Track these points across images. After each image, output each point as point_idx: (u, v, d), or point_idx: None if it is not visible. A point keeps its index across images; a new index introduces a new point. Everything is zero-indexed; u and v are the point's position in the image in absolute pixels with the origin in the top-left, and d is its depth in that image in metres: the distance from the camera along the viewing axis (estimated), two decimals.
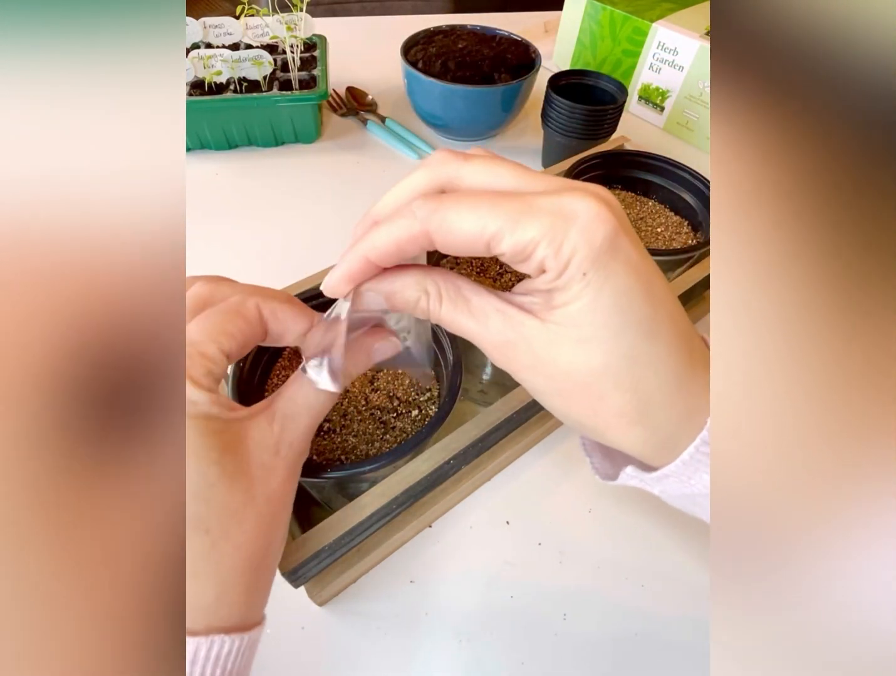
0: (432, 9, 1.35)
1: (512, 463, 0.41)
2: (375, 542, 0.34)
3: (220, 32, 0.67)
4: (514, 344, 0.19)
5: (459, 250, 0.18)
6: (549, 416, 0.41)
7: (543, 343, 0.19)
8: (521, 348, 0.19)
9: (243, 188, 0.63)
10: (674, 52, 0.69)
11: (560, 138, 0.61)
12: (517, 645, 0.33)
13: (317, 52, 0.69)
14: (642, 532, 0.38)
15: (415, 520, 0.35)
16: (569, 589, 0.35)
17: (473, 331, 0.20)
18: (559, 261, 0.17)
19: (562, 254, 0.17)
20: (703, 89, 0.68)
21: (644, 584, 0.35)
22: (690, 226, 0.46)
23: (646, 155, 0.48)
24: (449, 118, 0.66)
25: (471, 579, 0.35)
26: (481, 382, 0.42)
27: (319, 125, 0.70)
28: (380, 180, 0.64)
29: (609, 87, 0.62)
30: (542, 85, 0.63)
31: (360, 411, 0.32)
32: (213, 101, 0.61)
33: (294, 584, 0.27)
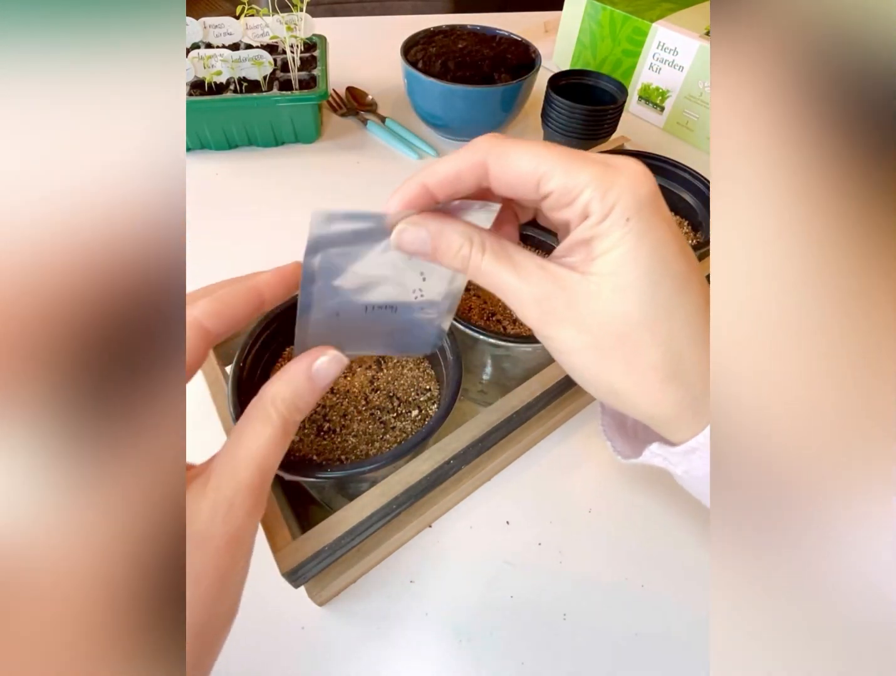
0: (432, 9, 1.35)
1: (512, 463, 0.41)
2: (375, 542, 0.34)
3: (220, 32, 0.67)
4: (552, 297, 0.19)
5: (511, 186, 0.19)
6: (549, 417, 0.41)
7: (583, 295, 0.19)
8: (560, 301, 0.19)
9: (243, 188, 0.63)
10: (674, 52, 0.69)
11: (560, 138, 0.61)
12: (517, 645, 0.33)
13: (317, 52, 0.69)
14: (642, 532, 0.38)
15: (415, 520, 0.35)
16: (569, 589, 0.35)
17: (513, 286, 0.20)
18: (604, 205, 0.18)
19: (608, 198, 0.18)
20: (703, 89, 0.68)
21: (644, 584, 0.35)
22: (690, 226, 0.46)
23: (646, 155, 0.48)
24: (449, 118, 0.66)
25: (471, 579, 0.35)
26: (481, 382, 0.42)
27: (319, 125, 0.70)
28: (380, 180, 0.64)
29: (609, 87, 0.62)
30: (542, 85, 0.63)
31: (360, 411, 0.32)
32: (213, 101, 0.61)
33: (294, 584, 0.27)
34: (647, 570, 0.36)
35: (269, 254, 0.55)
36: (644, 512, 0.39)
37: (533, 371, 0.34)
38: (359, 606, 0.34)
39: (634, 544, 0.37)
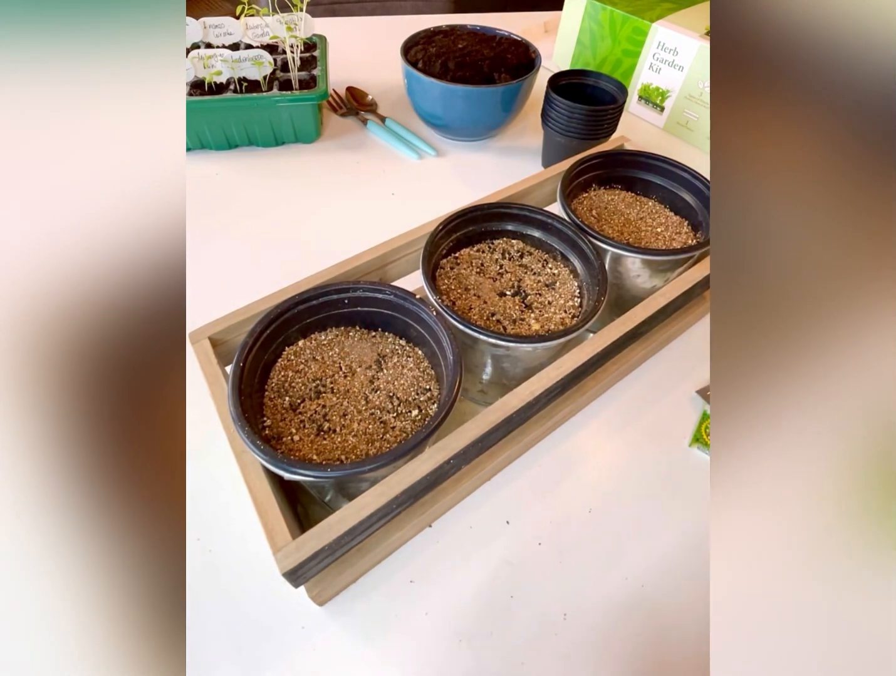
0: (432, 9, 1.35)
1: (512, 463, 0.41)
2: (375, 542, 0.34)
3: (220, 32, 0.67)
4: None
5: None
6: (549, 416, 0.41)
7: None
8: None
9: (243, 188, 0.63)
10: (674, 52, 0.69)
11: (560, 138, 0.61)
12: (517, 645, 0.33)
13: (317, 52, 0.69)
14: (642, 531, 0.38)
15: (415, 520, 0.35)
16: (569, 589, 0.35)
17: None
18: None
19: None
20: (703, 89, 0.68)
21: (644, 584, 0.35)
22: (690, 226, 0.46)
23: (646, 155, 0.48)
24: (449, 118, 0.66)
25: (471, 579, 0.35)
26: (481, 382, 0.42)
27: (319, 125, 0.70)
28: (380, 180, 0.64)
29: (609, 87, 0.62)
30: (541, 85, 0.63)
31: (360, 411, 0.32)
32: (213, 100, 0.61)
33: (294, 584, 0.27)
34: (647, 570, 0.36)
35: (270, 254, 0.55)
36: (644, 512, 0.39)
37: (533, 371, 0.34)
38: (359, 606, 0.34)
39: (634, 544, 0.37)
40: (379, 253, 0.39)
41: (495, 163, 0.69)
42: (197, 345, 0.33)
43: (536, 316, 0.38)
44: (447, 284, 0.39)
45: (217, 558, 0.36)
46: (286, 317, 0.34)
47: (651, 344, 0.47)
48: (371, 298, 0.35)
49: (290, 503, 0.33)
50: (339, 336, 0.36)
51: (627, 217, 0.47)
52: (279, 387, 0.33)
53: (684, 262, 0.43)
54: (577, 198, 0.47)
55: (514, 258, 0.42)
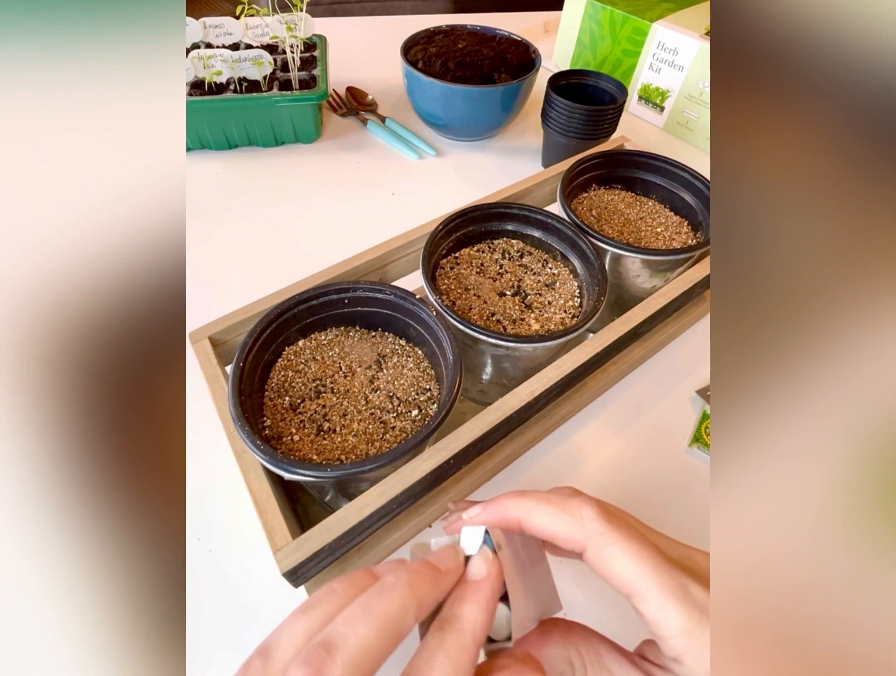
0: (432, 9, 1.35)
1: (512, 463, 0.41)
2: (375, 542, 0.34)
3: (220, 32, 0.67)
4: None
5: (606, 579, 0.20)
6: (549, 416, 0.41)
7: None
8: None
9: (243, 188, 0.63)
10: (674, 52, 0.69)
11: (560, 138, 0.61)
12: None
13: (317, 52, 0.69)
14: None
15: (415, 520, 0.35)
16: (569, 589, 0.35)
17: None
18: (695, 656, 0.18)
19: (701, 656, 0.17)
20: (703, 89, 0.68)
21: None
22: (690, 226, 0.46)
23: (646, 155, 0.48)
24: (449, 118, 0.66)
25: None
26: (481, 382, 0.42)
27: (319, 125, 0.70)
28: (380, 180, 0.64)
29: (609, 87, 0.62)
30: (542, 85, 0.63)
31: (360, 411, 0.32)
32: (213, 101, 0.61)
33: (294, 584, 0.27)
34: None
35: (269, 254, 0.55)
36: (644, 511, 0.39)
37: (533, 371, 0.34)
38: None
39: None
40: (379, 253, 0.39)
41: (495, 163, 0.69)
42: (197, 345, 0.33)
43: (536, 316, 0.38)
44: (447, 284, 0.39)
45: (217, 558, 0.36)
46: (286, 317, 0.34)
47: (651, 344, 0.47)
48: (371, 298, 0.35)
49: (290, 503, 0.33)
50: (339, 336, 0.36)
51: (627, 217, 0.47)
52: (279, 387, 0.33)
53: (684, 262, 0.43)
54: (577, 198, 0.47)
55: (514, 258, 0.42)
